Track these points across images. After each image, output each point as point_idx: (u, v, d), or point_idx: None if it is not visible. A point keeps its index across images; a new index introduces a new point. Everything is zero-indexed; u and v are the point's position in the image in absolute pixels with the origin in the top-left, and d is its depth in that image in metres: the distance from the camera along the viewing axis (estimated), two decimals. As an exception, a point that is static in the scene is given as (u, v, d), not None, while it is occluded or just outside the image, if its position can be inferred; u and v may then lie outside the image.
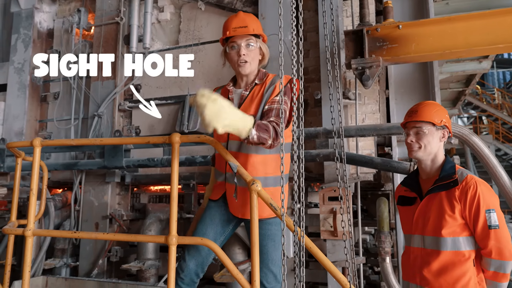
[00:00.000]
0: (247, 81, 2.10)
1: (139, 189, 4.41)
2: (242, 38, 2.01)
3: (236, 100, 2.08)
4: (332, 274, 1.78)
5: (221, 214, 2.13)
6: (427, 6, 3.65)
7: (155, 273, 3.62)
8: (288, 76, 1.96)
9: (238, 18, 2.04)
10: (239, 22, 2.02)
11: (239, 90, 2.11)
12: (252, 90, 2.07)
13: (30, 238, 2.23)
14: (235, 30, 2.00)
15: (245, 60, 2.01)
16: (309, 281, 3.76)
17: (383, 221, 3.35)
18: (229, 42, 2.04)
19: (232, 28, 2.00)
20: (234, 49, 2.02)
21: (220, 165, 2.13)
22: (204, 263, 2.12)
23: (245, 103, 2.05)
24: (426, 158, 1.92)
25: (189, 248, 2.12)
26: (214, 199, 2.17)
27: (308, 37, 3.86)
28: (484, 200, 1.75)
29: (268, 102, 1.99)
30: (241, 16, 2.05)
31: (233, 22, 2.02)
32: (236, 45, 2.02)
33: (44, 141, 2.35)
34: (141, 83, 4.46)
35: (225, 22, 2.07)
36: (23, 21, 4.91)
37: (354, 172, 3.52)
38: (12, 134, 4.69)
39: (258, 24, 2.07)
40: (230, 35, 2.00)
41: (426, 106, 1.93)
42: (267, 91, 2.02)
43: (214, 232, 2.11)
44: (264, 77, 2.09)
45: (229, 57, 2.07)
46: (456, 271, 1.76)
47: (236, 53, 2.02)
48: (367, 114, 3.78)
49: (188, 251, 2.12)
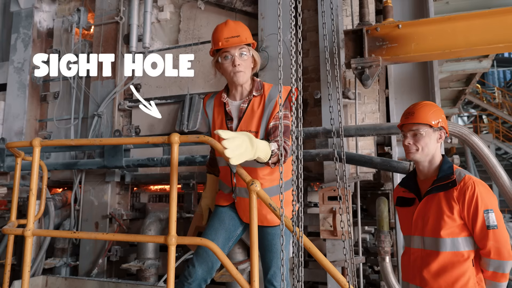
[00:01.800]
0: (242, 92, 2.07)
1: (139, 189, 4.41)
2: (236, 48, 1.97)
3: (235, 113, 2.06)
4: (331, 274, 1.78)
5: (230, 219, 2.16)
6: (427, 5, 3.64)
7: (155, 273, 3.62)
8: (288, 87, 1.94)
9: (228, 27, 1.99)
10: (230, 31, 1.97)
11: (236, 102, 2.08)
12: (251, 103, 2.04)
13: (29, 238, 2.23)
14: (228, 40, 1.95)
15: (240, 70, 1.98)
16: (309, 280, 3.77)
17: (383, 220, 3.35)
18: (221, 52, 2.00)
19: (225, 39, 1.95)
20: (228, 59, 1.98)
21: (226, 178, 2.13)
22: (213, 269, 2.12)
23: (245, 117, 2.02)
24: (424, 160, 1.92)
25: (198, 254, 2.11)
26: (223, 205, 2.19)
27: (308, 37, 3.86)
28: (483, 200, 1.75)
29: (272, 118, 1.98)
30: (231, 25, 2.00)
31: (224, 32, 1.97)
32: (229, 55, 1.97)
33: (44, 141, 2.35)
34: (141, 82, 4.46)
35: (215, 32, 2.02)
36: (23, 20, 4.91)
37: (354, 172, 3.52)
38: (12, 134, 4.69)
39: (248, 32, 2.04)
40: (223, 46, 1.95)
41: (423, 108, 1.92)
42: (268, 106, 2.00)
43: (223, 238, 2.12)
44: (260, 88, 2.06)
45: (222, 67, 2.02)
46: (455, 271, 1.76)
47: (231, 63, 1.98)
48: (366, 113, 3.77)
49: (197, 257, 2.10)
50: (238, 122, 2.03)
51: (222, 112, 2.10)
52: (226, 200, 2.18)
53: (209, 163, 2.40)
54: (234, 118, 2.05)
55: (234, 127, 2.03)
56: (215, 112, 2.13)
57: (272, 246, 2.08)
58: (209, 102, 2.18)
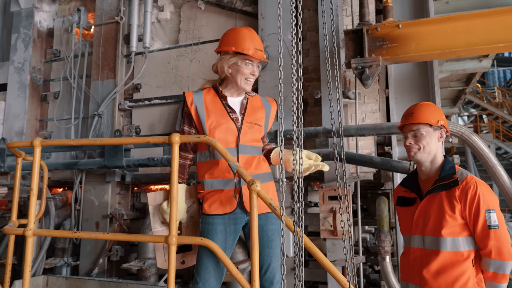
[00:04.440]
0: (239, 93, 2.21)
1: (139, 188, 4.41)
2: (258, 60, 2.14)
3: (237, 107, 2.18)
4: (331, 273, 1.79)
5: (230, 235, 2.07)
6: (427, 5, 3.64)
7: (156, 272, 3.62)
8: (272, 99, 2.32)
9: (256, 38, 2.14)
10: (259, 44, 2.13)
11: (237, 98, 2.21)
12: (249, 101, 2.22)
13: (30, 238, 2.24)
14: (257, 52, 2.10)
15: (253, 80, 2.16)
16: (309, 280, 3.77)
17: (383, 220, 3.36)
18: (243, 57, 2.10)
19: (255, 49, 2.09)
20: (249, 67, 2.12)
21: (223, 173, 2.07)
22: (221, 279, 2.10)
23: (248, 111, 2.18)
24: (425, 160, 1.92)
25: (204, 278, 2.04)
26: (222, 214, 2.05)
27: (308, 37, 3.86)
28: (484, 200, 1.75)
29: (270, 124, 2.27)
30: (256, 36, 2.15)
31: (254, 42, 2.11)
32: (252, 64, 2.12)
33: (44, 141, 2.36)
34: (141, 82, 4.46)
35: (241, 36, 2.11)
36: (23, 20, 4.92)
37: (354, 171, 3.53)
38: (13, 134, 4.70)
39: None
40: (253, 56, 2.08)
41: (422, 108, 1.93)
42: (266, 108, 2.25)
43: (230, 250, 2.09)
44: (252, 92, 2.27)
45: (238, 70, 2.11)
46: (455, 271, 1.76)
47: (249, 71, 2.12)
48: (367, 113, 3.78)
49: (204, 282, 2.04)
50: (242, 115, 2.15)
51: (219, 104, 2.16)
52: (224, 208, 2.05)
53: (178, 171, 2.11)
54: (236, 111, 2.16)
55: (240, 118, 2.15)
56: (208, 106, 2.15)
57: (272, 242, 2.06)
58: (197, 98, 2.17)
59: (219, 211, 2.05)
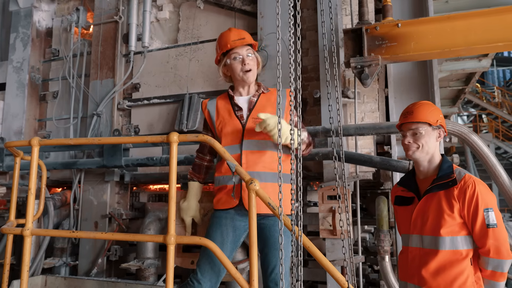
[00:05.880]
0: (248, 91, 2.22)
1: (138, 188, 4.40)
2: (243, 48, 2.15)
3: (245, 105, 2.18)
4: (330, 273, 1.78)
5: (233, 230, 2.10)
6: (426, 4, 3.64)
7: (154, 272, 3.62)
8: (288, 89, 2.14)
9: (233, 31, 2.19)
10: (236, 35, 2.17)
11: (243, 96, 2.21)
12: (260, 97, 2.19)
13: (28, 237, 2.23)
14: (235, 42, 2.13)
15: (250, 68, 2.14)
16: (308, 279, 3.76)
17: (383, 219, 3.35)
18: (229, 55, 2.15)
19: (232, 41, 2.13)
20: (237, 60, 2.14)
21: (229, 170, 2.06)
22: (219, 281, 2.09)
23: (257, 107, 2.15)
24: (423, 159, 1.92)
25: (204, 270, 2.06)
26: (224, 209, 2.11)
27: (307, 36, 3.85)
28: (483, 199, 1.75)
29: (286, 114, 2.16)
30: (235, 30, 2.21)
31: (230, 36, 2.15)
32: (238, 55, 2.14)
33: (43, 140, 2.35)
34: (140, 82, 4.45)
35: (221, 38, 2.19)
36: (22, 20, 4.90)
37: (353, 171, 3.52)
38: (11, 133, 4.69)
39: (250, 36, 2.25)
40: (232, 46, 2.13)
41: (421, 107, 1.93)
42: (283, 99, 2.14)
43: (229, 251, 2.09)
44: (267, 89, 2.24)
45: (231, 68, 2.17)
46: (454, 270, 1.76)
47: (240, 63, 2.14)
48: (366, 112, 3.77)
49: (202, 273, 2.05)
50: (248, 112, 2.15)
51: (228, 105, 2.22)
52: (228, 203, 2.11)
53: (193, 170, 2.37)
54: (243, 108, 2.18)
55: (244, 115, 2.16)
56: (219, 108, 2.23)
57: (275, 243, 2.04)
58: (211, 103, 2.29)
59: (225, 206, 2.12)
